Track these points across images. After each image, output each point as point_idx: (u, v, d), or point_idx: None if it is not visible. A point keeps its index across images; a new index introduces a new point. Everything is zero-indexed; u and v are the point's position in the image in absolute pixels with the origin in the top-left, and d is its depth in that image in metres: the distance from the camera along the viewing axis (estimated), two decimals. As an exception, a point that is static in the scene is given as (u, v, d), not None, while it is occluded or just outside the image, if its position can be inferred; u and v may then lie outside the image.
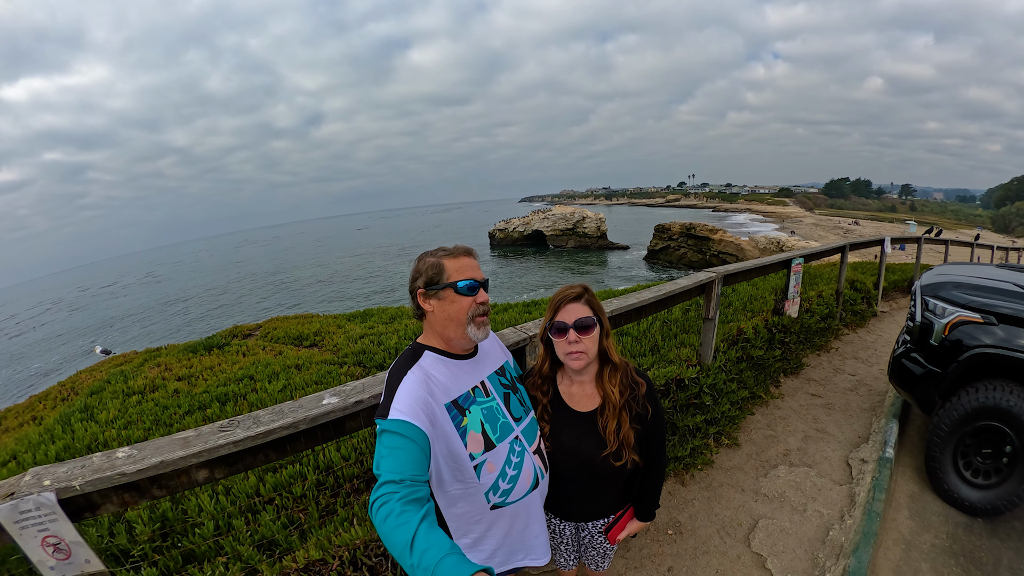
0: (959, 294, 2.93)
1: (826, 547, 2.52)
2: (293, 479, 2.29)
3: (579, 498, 1.56)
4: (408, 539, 0.88)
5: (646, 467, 1.55)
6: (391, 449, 1.07)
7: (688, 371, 3.31)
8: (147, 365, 5.60)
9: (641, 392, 1.47)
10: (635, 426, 1.46)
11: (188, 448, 1.23)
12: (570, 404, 1.50)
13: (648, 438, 1.51)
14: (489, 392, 1.36)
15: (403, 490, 0.98)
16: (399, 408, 1.14)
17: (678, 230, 44.92)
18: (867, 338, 5.70)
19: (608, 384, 1.45)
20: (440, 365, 1.29)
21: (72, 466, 1.21)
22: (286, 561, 1.67)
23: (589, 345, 1.41)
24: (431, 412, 1.20)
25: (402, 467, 1.03)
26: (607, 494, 1.57)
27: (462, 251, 1.34)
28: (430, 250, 1.35)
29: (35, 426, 4.43)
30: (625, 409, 1.44)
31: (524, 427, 1.41)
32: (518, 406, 1.43)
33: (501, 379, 1.43)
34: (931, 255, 11.36)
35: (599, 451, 1.43)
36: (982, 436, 2.72)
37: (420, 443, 1.11)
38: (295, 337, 6.81)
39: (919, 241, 8.51)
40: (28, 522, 1.12)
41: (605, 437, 1.43)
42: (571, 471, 1.48)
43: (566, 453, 1.47)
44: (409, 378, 1.22)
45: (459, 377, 1.31)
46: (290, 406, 1.41)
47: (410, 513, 0.93)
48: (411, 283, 1.33)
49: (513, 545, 1.41)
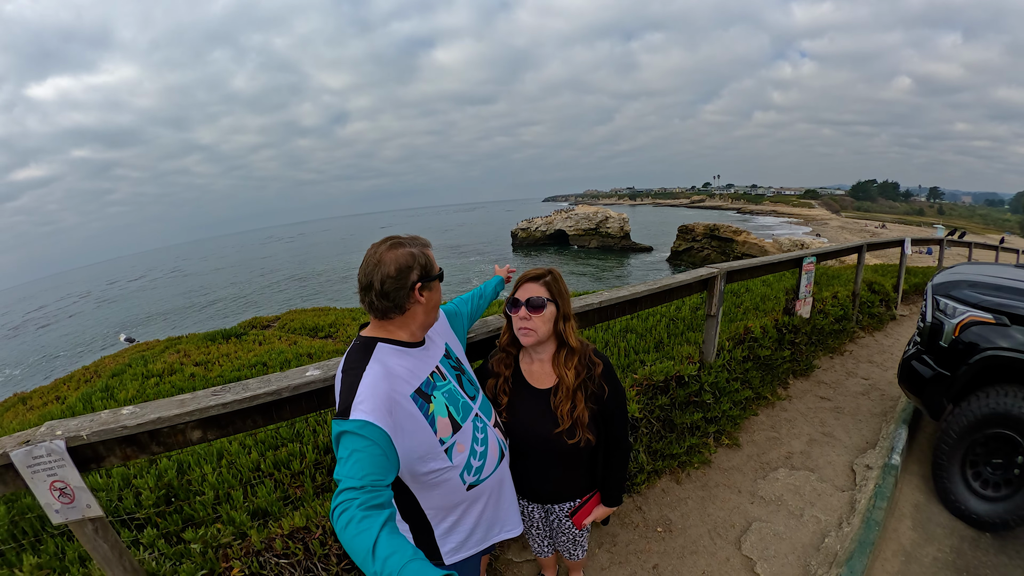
0: (972, 293, 2.79)
1: (820, 554, 2.46)
2: (293, 456, 2.38)
3: (541, 476, 1.60)
4: (369, 546, 0.87)
5: (608, 449, 1.58)
6: (352, 452, 1.03)
7: (688, 368, 3.27)
8: (168, 351, 5.83)
9: (597, 372, 1.52)
10: (590, 405, 1.51)
11: (183, 407, 1.34)
12: (529, 380, 1.56)
13: (606, 418, 1.54)
14: (445, 375, 1.38)
15: (362, 496, 0.95)
16: (361, 408, 1.10)
17: (702, 231, 44.28)
18: (884, 342, 5.55)
19: (563, 367, 1.50)
20: (397, 355, 1.27)
21: (83, 420, 1.33)
22: (272, 527, 1.76)
23: (538, 324, 1.47)
24: (394, 407, 1.17)
25: (363, 471, 1.00)
26: (568, 473, 1.61)
27: (425, 240, 1.34)
28: (395, 240, 1.28)
29: (58, 404, 4.66)
30: (580, 390, 1.50)
31: (480, 404, 1.46)
32: (469, 385, 1.46)
33: (449, 361, 1.44)
34: (956, 259, 10.95)
35: (554, 428, 1.49)
36: (992, 445, 2.57)
37: (382, 445, 1.07)
38: (311, 328, 6.99)
39: (942, 243, 8.24)
40: (39, 467, 1.22)
41: (558, 416, 1.48)
42: (528, 445, 1.54)
43: (524, 427, 1.53)
44: (369, 373, 1.17)
45: (417, 365, 1.31)
46: (277, 376, 1.50)
47: (371, 519, 0.91)
48: (395, 279, 1.23)
49: (489, 520, 1.45)
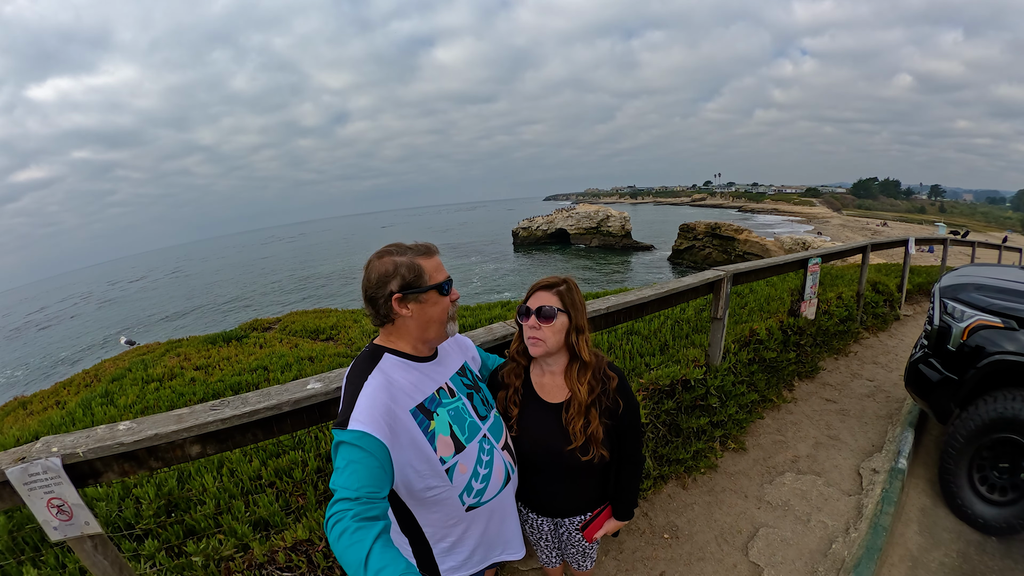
0: (980, 297, 2.78)
1: (827, 560, 2.44)
2: (294, 464, 2.36)
3: (551, 491, 1.55)
4: (362, 559, 0.87)
5: (620, 463, 1.54)
6: (348, 463, 1.02)
7: (694, 372, 3.23)
8: (168, 355, 5.82)
9: (612, 386, 1.47)
10: (604, 420, 1.46)
11: (181, 423, 1.31)
12: (540, 393, 1.51)
13: (620, 433, 1.50)
14: (454, 393, 1.34)
15: (357, 507, 0.95)
16: (359, 419, 1.09)
17: (703, 230, 44.16)
18: (888, 342, 5.51)
19: (576, 381, 1.45)
20: (402, 368, 1.25)
21: (78, 436, 1.30)
22: (275, 539, 1.74)
23: (548, 335, 1.42)
24: (393, 419, 1.15)
25: (358, 483, 0.99)
26: (582, 490, 1.56)
27: (428, 248, 1.28)
28: (388, 248, 1.26)
29: (58, 410, 4.65)
30: (594, 406, 1.44)
31: (490, 425, 1.40)
32: (481, 405, 1.42)
33: (463, 379, 1.41)
34: (959, 257, 10.92)
35: (565, 444, 1.44)
36: (999, 449, 2.57)
37: (379, 456, 1.06)
38: (312, 330, 6.97)
39: (945, 243, 8.21)
40: (36, 484, 1.20)
41: (571, 433, 1.43)
42: (539, 460, 1.49)
43: (534, 442, 1.48)
44: (371, 384, 1.17)
45: (423, 380, 1.28)
46: (277, 389, 1.47)
47: (364, 531, 0.91)
48: (375, 288, 1.21)
49: (491, 542, 1.42)
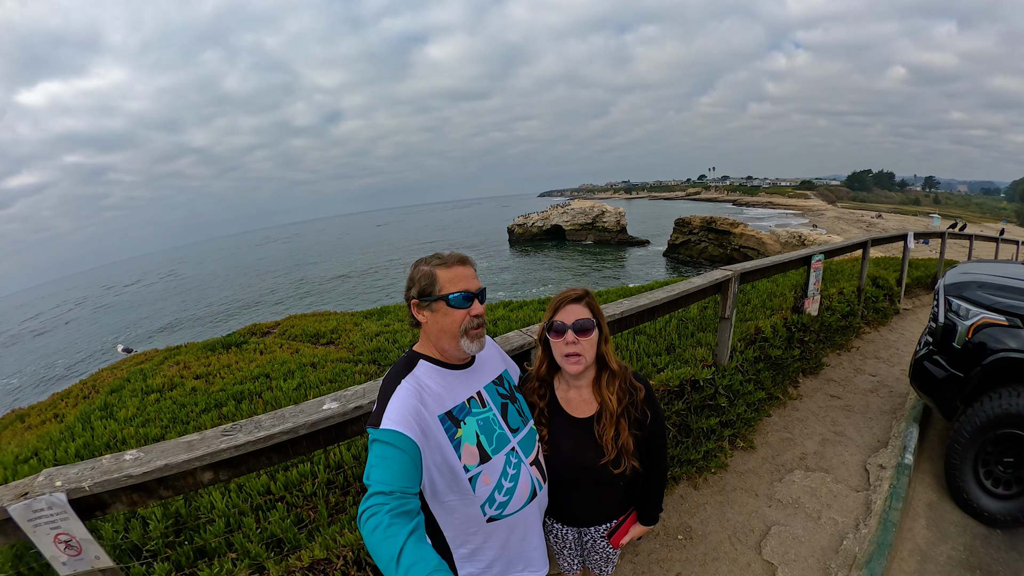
0: (984, 295, 2.81)
1: (839, 557, 2.46)
2: (304, 477, 2.33)
3: (580, 503, 1.54)
4: (395, 553, 0.87)
5: (647, 471, 1.52)
6: (382, 459, 1.06)
7: (703, 372, 3.22)
8: (166, 363, 5.74)
9: (640, 397, 1.45)
10: (634, 432, 1.43)
11: (192, 452, 1.27)
12: (567, 410, 1.48)
13: (648, 442, 1.48)
14: (485, 403, 1.34)
15: (392, 502, 0.96)
16: (391, 418, 1.13)
17: (698, 224, 44.21)
18: (889, 337, 5.53)
19: (606, 391, 1.42)
20: (434, 375, 1.28)
21: (83, 467, 1.25)
22: (292, 560, 1.71)
23: (587, 348, 1.39)
24: (423, 423, 1.18)
25: (392, 478, 1.02)
26: (608, 499, 1.55)
27: (456, 260, 1.30)
28: (425, 256, 1.32)
29: (56, 423, 4.58)
30: (623, 416, 1.41)
31: (521, 438, 1.39)
32: (516, 416, 1.40)
33: (499, 389, 1.40)
34: (955, 250, 10.98)
35: (598, 458, 1.41)
36: (1004, 444, 2.62)
37: (411, 454, 1.09)
38: (312, 335, 6.89)
39: (943, 236, 8.24)
40: (41, 520, 1.16)
41: (603, 445, 1.40)
42: (570, 477, 1.47)
43: (565, 460, 1.45)
44: (403, 387, 1.21)
45: (454, 387, 1.29)
46: (291, 411, 1.43)
47: (398, 526, 0.92)
48: (406, 292, 1.30)
49: (511, 556, 1.40)
